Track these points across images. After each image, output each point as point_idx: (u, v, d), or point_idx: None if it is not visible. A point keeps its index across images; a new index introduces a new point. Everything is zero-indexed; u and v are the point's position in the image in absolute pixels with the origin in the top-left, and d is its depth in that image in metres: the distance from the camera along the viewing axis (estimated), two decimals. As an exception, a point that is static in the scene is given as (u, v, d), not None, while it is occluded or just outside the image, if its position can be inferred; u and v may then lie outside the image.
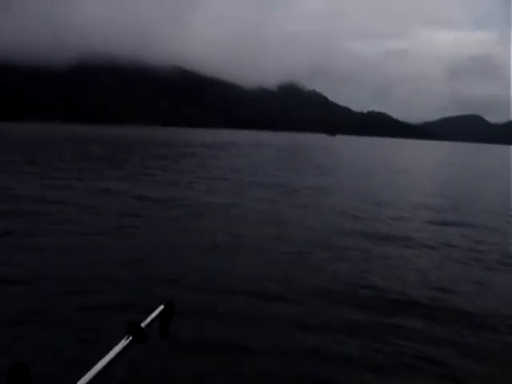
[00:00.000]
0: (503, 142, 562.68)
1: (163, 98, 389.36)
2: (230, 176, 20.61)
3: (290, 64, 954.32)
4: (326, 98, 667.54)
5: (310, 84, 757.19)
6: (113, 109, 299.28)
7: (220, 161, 30.03)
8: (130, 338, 1.61)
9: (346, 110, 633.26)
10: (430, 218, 12.38)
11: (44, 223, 9.63)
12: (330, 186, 19.13)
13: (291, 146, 68.57)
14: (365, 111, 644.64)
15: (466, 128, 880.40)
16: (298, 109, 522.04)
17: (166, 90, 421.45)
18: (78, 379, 1.35)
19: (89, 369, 1.39)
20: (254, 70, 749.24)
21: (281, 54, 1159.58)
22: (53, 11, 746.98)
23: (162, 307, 1.85)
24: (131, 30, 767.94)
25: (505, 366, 4.53)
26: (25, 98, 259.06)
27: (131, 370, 1.68)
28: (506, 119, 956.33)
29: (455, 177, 29.23)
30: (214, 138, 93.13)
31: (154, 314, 1.80)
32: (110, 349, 1.50)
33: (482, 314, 5.72)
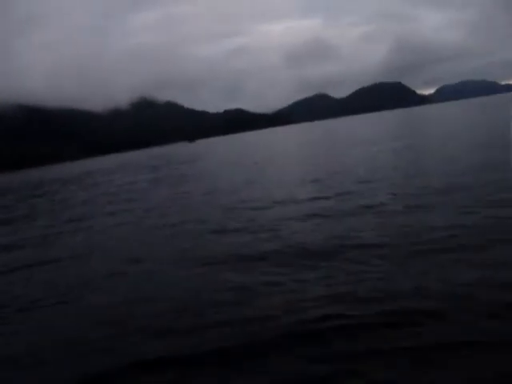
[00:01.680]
0: (350, 113, 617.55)
1: (9, 141, 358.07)
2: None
3: (138, 79, 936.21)
4: (181, 106, 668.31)
5: (163, 95, 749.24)
6: None
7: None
8: None
9: (204, 114, 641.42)
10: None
11: None
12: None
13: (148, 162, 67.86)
14: (221, 111, 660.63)
15: (315, 107, 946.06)
16: (155, 122, 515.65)
17: (5, 131, 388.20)
18: None
19: None
20: (102, 91, 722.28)
21: (127, 71, 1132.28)
22: None
23: None
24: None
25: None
26: None
27: None
28: (348, 92, 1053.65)
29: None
30: (62, 172, 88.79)
31: None
32: None
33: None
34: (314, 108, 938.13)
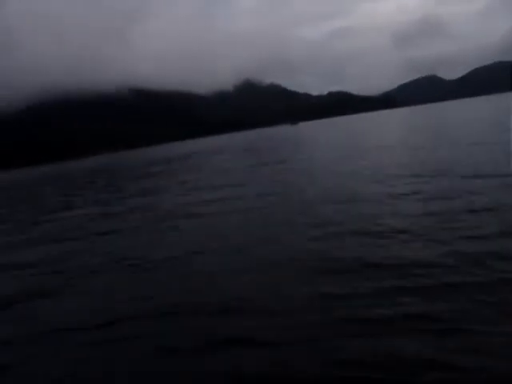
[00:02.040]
0: (463, 96, 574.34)
1: (121, 122, 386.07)
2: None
3: (242, 62, 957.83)
4: (284, 89, 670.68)
5: (267, 77, 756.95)
6: (73, 143, 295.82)
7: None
8: None
9: (307, 96, 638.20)
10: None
11: None
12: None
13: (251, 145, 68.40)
14: (324, 93, 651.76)
15: (423, 90, 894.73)
16: (258, 104, 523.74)
17: (123, 112, 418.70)
18: None
19: None
20: (208, 74, 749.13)
21: (231, 54, 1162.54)
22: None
23: None
24: (74, 60, 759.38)
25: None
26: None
27: None
28: (462, 73, 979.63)
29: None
30: (178, 150, 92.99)
31: None
32: None
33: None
34: (423, 90, 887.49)
